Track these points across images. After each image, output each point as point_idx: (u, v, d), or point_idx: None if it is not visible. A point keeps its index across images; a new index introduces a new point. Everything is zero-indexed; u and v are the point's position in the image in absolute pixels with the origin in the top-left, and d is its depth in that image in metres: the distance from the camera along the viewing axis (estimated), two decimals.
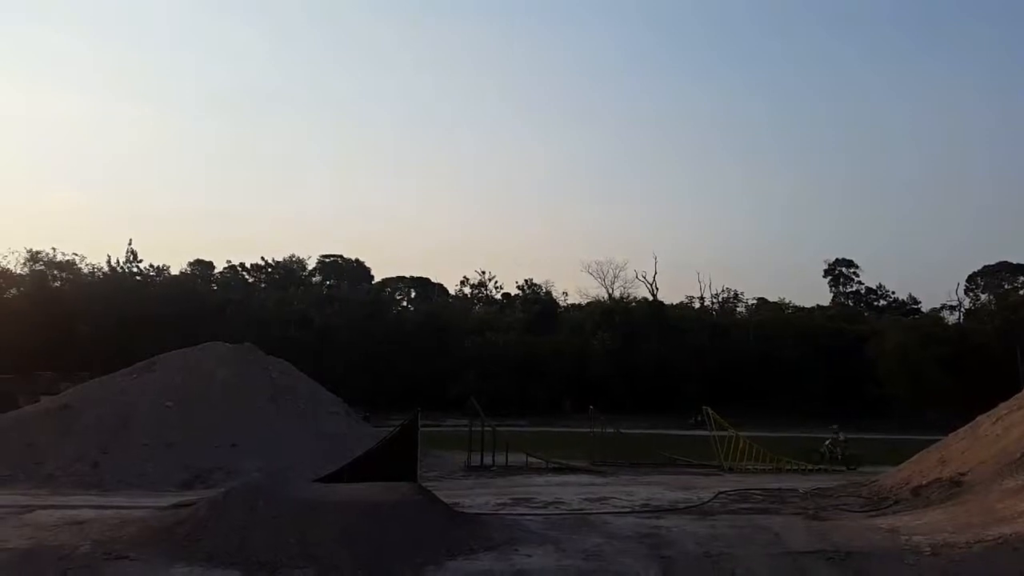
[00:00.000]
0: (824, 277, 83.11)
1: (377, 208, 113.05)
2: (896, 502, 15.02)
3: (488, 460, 24.33)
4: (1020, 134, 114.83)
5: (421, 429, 18.99)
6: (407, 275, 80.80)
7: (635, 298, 72.56)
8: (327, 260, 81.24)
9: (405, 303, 79.94)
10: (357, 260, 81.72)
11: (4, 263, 62.99)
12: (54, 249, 64.82)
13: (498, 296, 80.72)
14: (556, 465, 24.58)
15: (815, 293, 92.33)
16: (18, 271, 63.56)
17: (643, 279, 73.53)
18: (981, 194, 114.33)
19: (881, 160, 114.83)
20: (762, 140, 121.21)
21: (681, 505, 15.81)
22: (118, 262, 66.44)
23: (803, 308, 76.09)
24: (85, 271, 65.77)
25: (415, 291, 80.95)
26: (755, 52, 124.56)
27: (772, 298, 77.95)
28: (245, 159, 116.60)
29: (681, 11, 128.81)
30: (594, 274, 75.69)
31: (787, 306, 76.49)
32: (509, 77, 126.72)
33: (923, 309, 77.15)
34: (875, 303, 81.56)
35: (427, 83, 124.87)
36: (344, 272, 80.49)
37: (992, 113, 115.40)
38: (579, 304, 75.50)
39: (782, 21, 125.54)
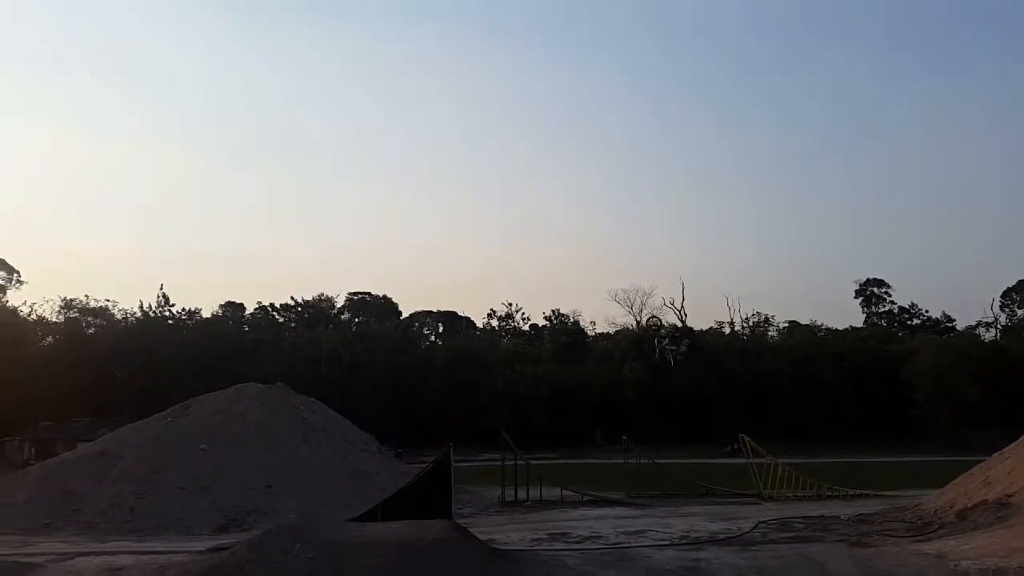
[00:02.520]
0: (855, 298, 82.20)
1: (403, 244, 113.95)
2: (941, 526, 14.67)
3: (522, 494, 24.14)
4: None
5: (454, 465, 18.95)
6: (435, 309, 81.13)
7: (664, 325, 72.02)
8: (355, 297, 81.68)
9: (433, 337, 80.00)
10: (385, 296, 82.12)
11: (39, 311, 64.33)
12: (87, 296, 66.18)
13: (526, 327, 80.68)
14: (591, 498, 24.32)
15: (847, 314, 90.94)
16: (53, 319, 64.82)
17: (671, 306, 72.96)
18: (1014, 207, 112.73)
19: (909, 177, 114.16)
20: (786, 163, 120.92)
21: (721, 536, 15.52)
22: (150, 307, 67.47)
23: (836, 330, 75.12)
24: (118, 316, 66.86)
25: (443, 325, 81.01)
26: (774, 75, 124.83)
27: (803, 321, 77.18)
28: (272, 201, 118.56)
29: (694, 39, 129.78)
30: (621, 302, 75.21)
31: (819, 328, 75.53)
32: (531, 111, 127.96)
33: (958, 327, 75.92)
34: (909, 322, 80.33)
35: (451, 120, 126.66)
36: (372, 308, 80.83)
37: (1021, 123, 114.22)
38: (607, 333, 75.13)
39: (798, 45, 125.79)
